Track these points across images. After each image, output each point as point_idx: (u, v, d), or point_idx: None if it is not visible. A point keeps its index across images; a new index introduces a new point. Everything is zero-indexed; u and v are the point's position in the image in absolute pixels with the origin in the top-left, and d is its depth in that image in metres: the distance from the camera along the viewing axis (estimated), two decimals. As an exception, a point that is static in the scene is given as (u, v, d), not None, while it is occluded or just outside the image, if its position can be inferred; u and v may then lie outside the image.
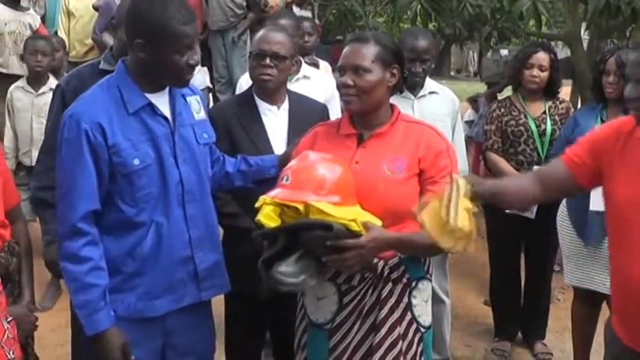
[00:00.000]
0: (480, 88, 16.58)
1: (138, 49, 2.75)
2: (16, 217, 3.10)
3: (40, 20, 8.41)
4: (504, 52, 20.25)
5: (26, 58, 6.30)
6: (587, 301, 4.65)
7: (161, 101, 2.89)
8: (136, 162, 2.77)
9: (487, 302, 6.16)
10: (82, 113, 2.76)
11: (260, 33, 3.67)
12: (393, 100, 3.10)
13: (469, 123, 8.16)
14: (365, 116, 2.98)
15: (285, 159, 3.14)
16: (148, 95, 2.85)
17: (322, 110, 3.85)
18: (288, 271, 2.66)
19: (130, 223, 2.82)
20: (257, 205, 2.73)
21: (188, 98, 3.02)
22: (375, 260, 2.83)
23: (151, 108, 2.85)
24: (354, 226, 2.63)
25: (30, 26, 8.13)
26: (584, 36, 8.05)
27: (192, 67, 2.84)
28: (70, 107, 2.85)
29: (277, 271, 2.66)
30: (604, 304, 4.61)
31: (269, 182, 3.06)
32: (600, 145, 2.82)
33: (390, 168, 2.89)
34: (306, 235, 2.62)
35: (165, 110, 2.90)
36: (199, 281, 2.98)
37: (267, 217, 2.69)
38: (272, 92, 3.60)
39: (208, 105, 6.22)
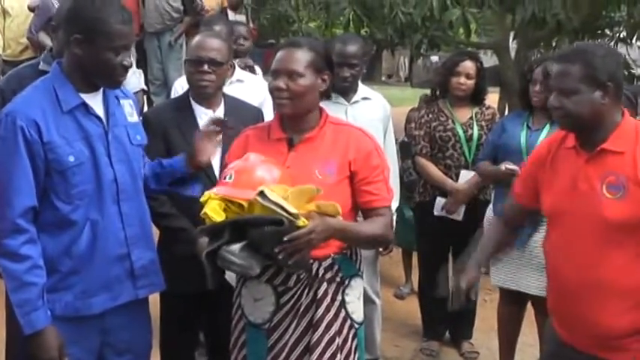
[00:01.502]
0: (411, 93, 16.87)
1: (75, 45, 2.81)
2: None
3: None
4: (435, 58, 20.58)
5: None
6: (512, 302, 4.80)
7: (95, 101, 2.94)
8: (71, 159, 2.82)
9: (397, 295, 6.41)
10: (17, 111, 2.80)
11: (196, 39, 3.74)
12: (327, 106, 3.20)
13: None
14: (295, 120, 3.06)
15: (192, 153, 3.19)
16: (82, 95, 2.90)
17: (257, 114, 3.95)
18: (236, 252, 2.71)
19: (65, 221, 2.86)
20: (202, 199, 2.79)
21: (121, 101, 3.07)
22: (310, 261, 2.91)
23: (85, 107, 2.90)
24: (300, 223, 2.70)
25: None
26: (512, 45, 8.27)
27: (126, 69, 2.90)
28: (7, 106, 2.90)
29: (227, 250, 2.71)
30: (529, 305, 4.77)
31: (186, 185, 3.16)
32: (536, 164, 3.07)
33: (322, 172, 2.97)
34: (256, 232, 2.69)
35: (99, 110, 2.95)
36: (135, 279, 3.02)
37: (214, 210, 2.75)
38: (210, 97, 3.68)
39: (142, 107, 6.25)
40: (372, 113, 4.55)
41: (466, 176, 5.10)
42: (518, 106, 5.19)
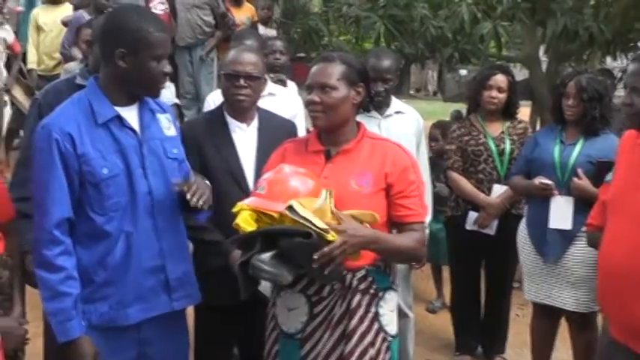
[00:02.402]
0: (439, 107, 16.84)
1: (118, 59, 2.85)
2: (10, 231, 3.13)
3: (14, 35, 8.48)
4: (463, 72, 20.54)
5: None
6: (545, 317, 4.76)
7: (130, 115, 2.99)
8: (105, 171, 2.87)
9: (429, 309, 6.36)
10: (52, 124, 2.86)
11: (231, 54, 3.76)
12: (360, 119, 3.23)
13: None
14: (332, 133, 3.09)
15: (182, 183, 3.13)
16: (117, 108, 2.94)
17: (291, 127, 3.96)
18: (267, 260, 2.72)
19: (99, 232, 2.89)
20: (234, 210, 2.81)
21: (157, 115, 3.11)
22: (344, 272, 2.92)
23: (120, 120, 2.94)
24: (329, 237, 2.71)
25: (4, 41, 8.20)
26: (543, 58, 8.24)
27: (166, 76, 2.97)
28: (43, 120, 2.95)
29: (258, 258, 2.73)
30: (563, 320, 4.74)
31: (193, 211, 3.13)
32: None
33: (358, 183, 3.00)
34: (286, 242, 2.70)
35: (134, 123, 2.99)
36: (171, 291, 3.05)
37: (245, 221, 2.77)
38: (245, 111, 3.70)
39: (176, 121, 6.28)
40: (406, 127, 4.55)
41: (498, 190, 5.09)
42: (549, 119, 5.18)
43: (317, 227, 2.68)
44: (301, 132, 4.41)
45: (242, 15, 9.06)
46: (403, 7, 6.95)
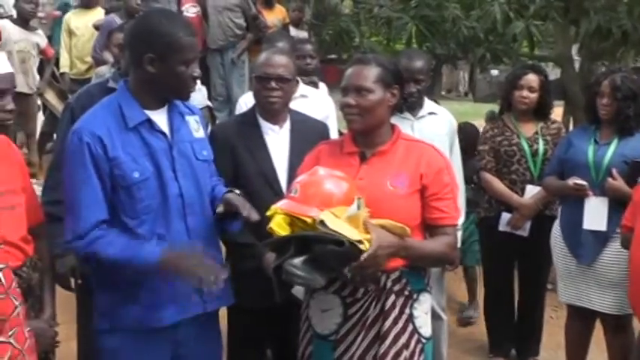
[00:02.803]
0: (471, 108, 16.75)
1: (147, 64, 2.86)
2: (40, 234, 3.15)
3: (46, 40, 8.56)
4: (495, 72, 20.40)
5: None
6: (580, 318, 4.72)
7: (159, 118, 3.01)
8: (136, 175, 2.88)
9: (461, 319, 6.28)
10: (83, 128, 2.88)
11: (263, 56, 3.76)
12: (393, 120, 3.22)
13: None
14: (367, 135, 3.09)
15: (227, 200, 3.12)
16: (147, 112, 2.96)
17: (323, 129, 3.96)
18: (300, 265, 2.71)
19: (132, 235, 2.90)
20: (268, 213, 2.80)
21: (186, 117, 3.12)
22: (378, 274, 2.93)
23: (150, 124, 2.96)
24: (363, 247, 2.69)
25: (37, 45, 8.29)
26: (575, 57, 8.17)
27: (195, 80, 2.98)
28: (76, 123, 2.97)
29: (290, 263, 2.71)
30: (598, 323, 4.70)
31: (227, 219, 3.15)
32: None
33: (393, 184, 3.00)
34: (319, 248, 2.68)
35: (164, 126, 3.01)
36: (203, 293, 3.03)
37: (279, 225, 2.76)
38: (277, 113, 3.70)
39: (208, 124, 6.32)
40: (439, 128, 4.53)
41: (532, 191, 5.05)
42: (582, 119, 5.14)
43: (350, 238, 2.66)
44: (333, 134, 4.41)
45: (273, 17, 9.10)
46: (435, 8, 6.91)
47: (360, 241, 2.68)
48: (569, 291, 4.64)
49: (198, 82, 3.16)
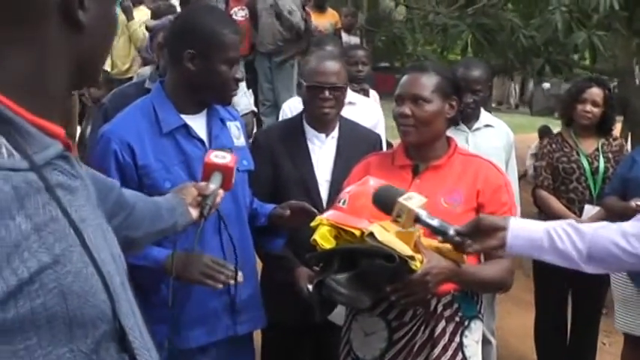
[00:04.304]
0: (527, 121, 16.48)
1: (187, 60, 2.68)
2: None
3: None
4: (547, 85, 20.13)
5: None
6: (638, 348, 4.51)
7: (197, 123, 2.81)
8: (168, 185, 2.65)
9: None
10: (112, 132, 2.70)
11: (312, 63, 3.51)
12: (447, 132, 3.02)
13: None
14: (421, 148, 2.90)
15: (275, 216, 2.98)
16: (183, 116, 2.77)
17: (375, 140, 3.73)
18: (344, 282, 2.52)
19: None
20: (313, 224, 2.63)
21: (227, 123, 2.93)
22: (428, 296, 2.71)
23: (186, 129, 2.76)
24: (414, 266, 2.50)
25: None
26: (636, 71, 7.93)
27: (237, 83, 2.79)
28: (105, 126, 2.80)
29: (333, 278, 2.52)
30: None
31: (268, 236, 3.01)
32: None
33: (447, 201, 2.80)
34: (367, 262, 2.49)
35: (202, 133, 2.81)
36: (235, 314, 2.86)
37: (323, 237, 2.58)
38: (330, 123, 3.50)
39: (252, 129, 6.18)
40: (495, 141, 4.36)
41: (590, 211, 4.80)
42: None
43: (401, 253, 2.46)
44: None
45: (325, 21, 8.98)
46: (492, 16, 6.71)
47: (412, 257, 2.47)
48: (628, 319, 4.46)
49: (244, 85, 2.97)
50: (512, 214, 2.85)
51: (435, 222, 2.44)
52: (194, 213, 2.46)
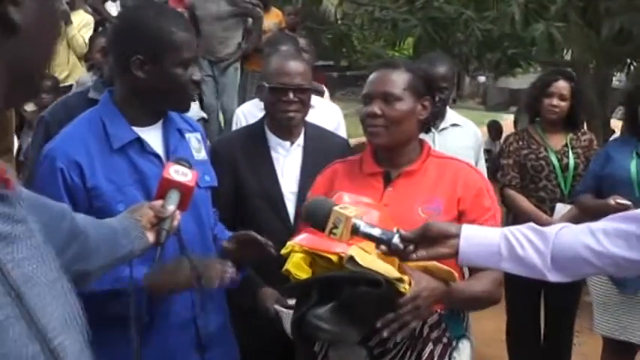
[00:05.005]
0: (480, 116, 16.33)
1: (136, 68, 2.36)
2: None
3: None
4: (482, 78, 20.19)
5: None
6: (619, 352, 4.38)
7: (152, 136, 2.49)
8: (121, 207, 2.32)
9: None
10: (57, 150, 2.39)
11: (274, 63, 3.26)
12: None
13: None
14: (392, 152, 2.65)
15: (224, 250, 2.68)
16: (136, 129, 2.45)
17: (343, 146, 3.47)
18: (326, 316, 2.24)
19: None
20: (283, 251, 2.34)
21: (187, 135, 2.61)
22: None
23: (140, 144, 2.45)
24: (402, 288, 2.23)
25: None
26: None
27: (196, 85, 2.48)
28: (50, 142, 2.48)
29: (314, 314, 2.24)
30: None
31: None
32: None
33: (426, 210, 2.54)
34: (349, 291, 2.21)
35: (157, 147, 2.49)
36: (203, 350, 2.55)
37: (297, 266, 2.30)
38: (294, 129, 3.24)
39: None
40: (464, 141, 4.18)
41: (562, 210, 4.61)
42: (598, 129, 4.78)
43: (387, 276, 2.19)
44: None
45: (269, 21, 8.69)
46: (440, 9, 6.50)
47: (400, 279, 2.22)
48: (608, 323, 4.29)
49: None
50: (496, 220, 2.65)
51: (375, 231, 2.20)
52: (150, 237, 2.17)
